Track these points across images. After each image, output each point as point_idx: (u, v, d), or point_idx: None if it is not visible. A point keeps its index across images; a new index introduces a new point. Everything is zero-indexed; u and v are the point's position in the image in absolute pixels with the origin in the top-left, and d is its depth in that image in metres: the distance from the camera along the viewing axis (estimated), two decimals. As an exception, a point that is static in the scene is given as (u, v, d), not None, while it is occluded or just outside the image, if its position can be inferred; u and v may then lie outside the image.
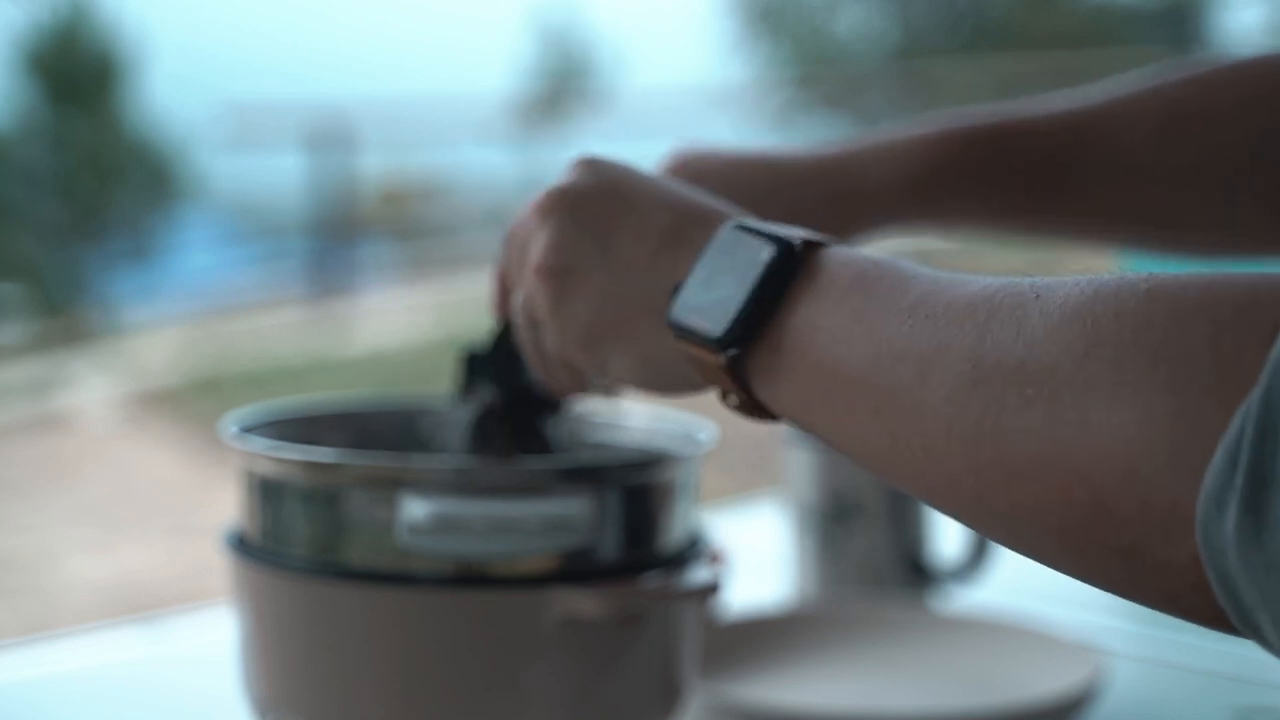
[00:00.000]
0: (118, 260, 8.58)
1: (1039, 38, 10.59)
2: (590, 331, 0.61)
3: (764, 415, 0.56)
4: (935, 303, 0.49)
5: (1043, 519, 0.44)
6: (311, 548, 0.65)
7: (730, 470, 3.29)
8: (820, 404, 0.52)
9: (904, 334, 0.49)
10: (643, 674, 0.67)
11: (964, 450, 0.46)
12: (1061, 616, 0.92)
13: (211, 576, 0.93)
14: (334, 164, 8.61)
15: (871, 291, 0.51)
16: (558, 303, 0.61)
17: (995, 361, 0.45)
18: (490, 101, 10.20)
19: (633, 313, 0.60)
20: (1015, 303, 0.46)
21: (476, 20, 13.47)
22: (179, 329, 7.20)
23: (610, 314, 0.61)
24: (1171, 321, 0.41)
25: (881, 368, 0.49)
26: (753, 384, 0.55)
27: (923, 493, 0.49)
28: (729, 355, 0.54)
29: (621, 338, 0.61)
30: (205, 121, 9.16)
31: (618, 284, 0.60)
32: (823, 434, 0.53)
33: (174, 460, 5.16)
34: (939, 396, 0.47)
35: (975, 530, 0.49)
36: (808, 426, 0.54)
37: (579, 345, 0.62)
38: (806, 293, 0.53)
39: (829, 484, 0.97)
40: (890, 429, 0.49)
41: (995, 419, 0.45)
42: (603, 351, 0.62)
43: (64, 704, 0.84)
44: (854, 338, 0.51)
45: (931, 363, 0.47)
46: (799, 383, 0.53)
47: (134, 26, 8.90)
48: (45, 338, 7.17)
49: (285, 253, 8.80)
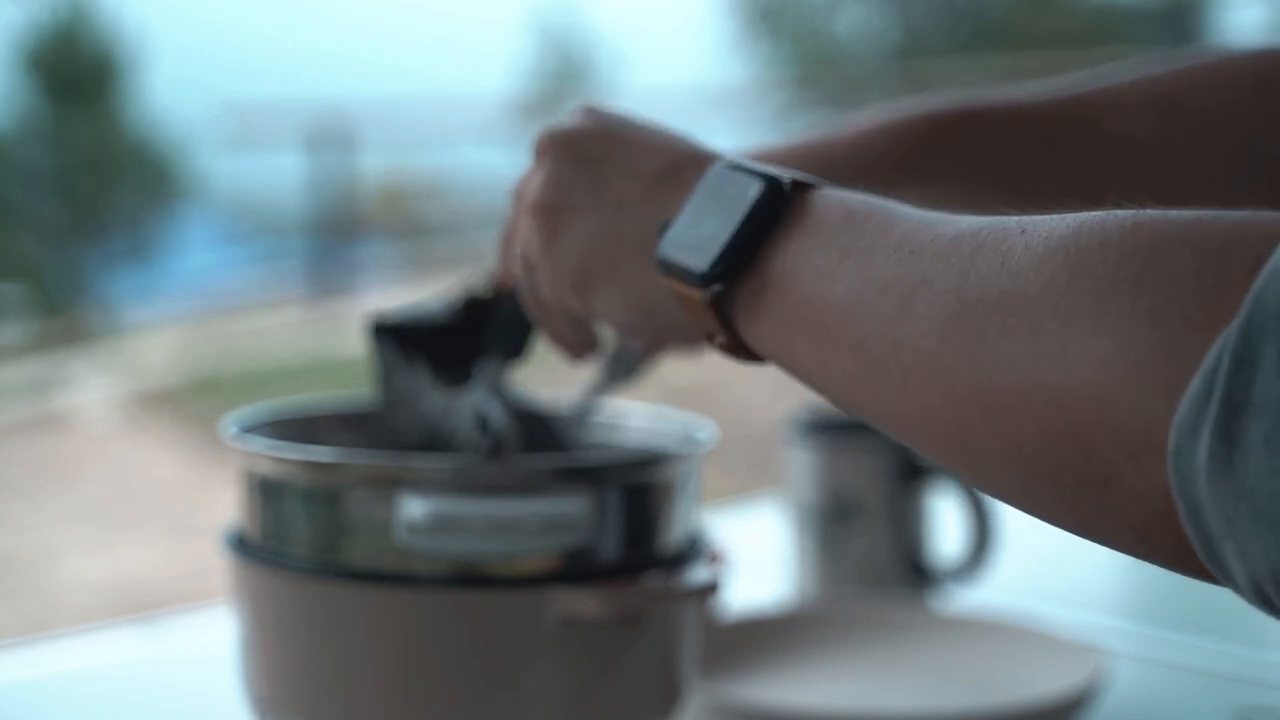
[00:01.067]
0: (118, 260, 8.57)
1: (1039, 38, 10.58)
2: (581, 270, 0.62)
3: (748, 356, 0.56)
4: (921, 238, 0.49)
5: (1017, 451, 0.44)
6: (311, 548, 0.65)
7: (730, 470, 3.29)
8: (803, 340, 0.52)
9: (889, 269, 0.49)
10: (643, 674, 0.67)
11: (942, 382, 0.46)
12: (1061, 616, 0.92)
13: (211, 576, 0.93)
14: (334, 164, 8.60)
15: (859, 229, 0.51)
16: (550, 241, 0.62)
17: (978, 295, 0.45)
18: (490, 101, 10.19)
19: (623, 252, 0.60)
20: (1000, 237, 0.46)
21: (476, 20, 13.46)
22: (179, 329, 7.19)
23: (601, 253, 0.61)
24: (1155, 252, 0.41)
25: (865, 301, 0.49)
26: (737, 322, 0.55)
27: (899, 427, 0.49)
28: (713, 291, 0.54)
29: (611, 277, 0.61)
30: (205, 121, 9.16)
31: (609, 223, 0.61)
32: (803, 372, 0.53)
33: (174, 460, 5.16)
34: (920, 329, 0.47)
35: (948, 467, 0.49)
36: (789, 365, 0.54)
37: (571, 285, 0.62)
38: (793, 230, 0.53)
39: (829, 484, 0.97)
40: (870, 363, 0.49)
41: (975, 350, 0.45)
42: (593, 292, 0.62)
43: (64, 704, 0.84)
44: (838, 273, 0.51)
45: (915, 296, 0.48)
46: (782, 319, 0.53)
47: (134, 26, 8.90)
48: (45, 338, 7.17)
49: (285, 253, 8.80)
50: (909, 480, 0.97)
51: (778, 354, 0.54)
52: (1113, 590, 1.09)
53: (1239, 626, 0.97)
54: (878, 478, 0.97)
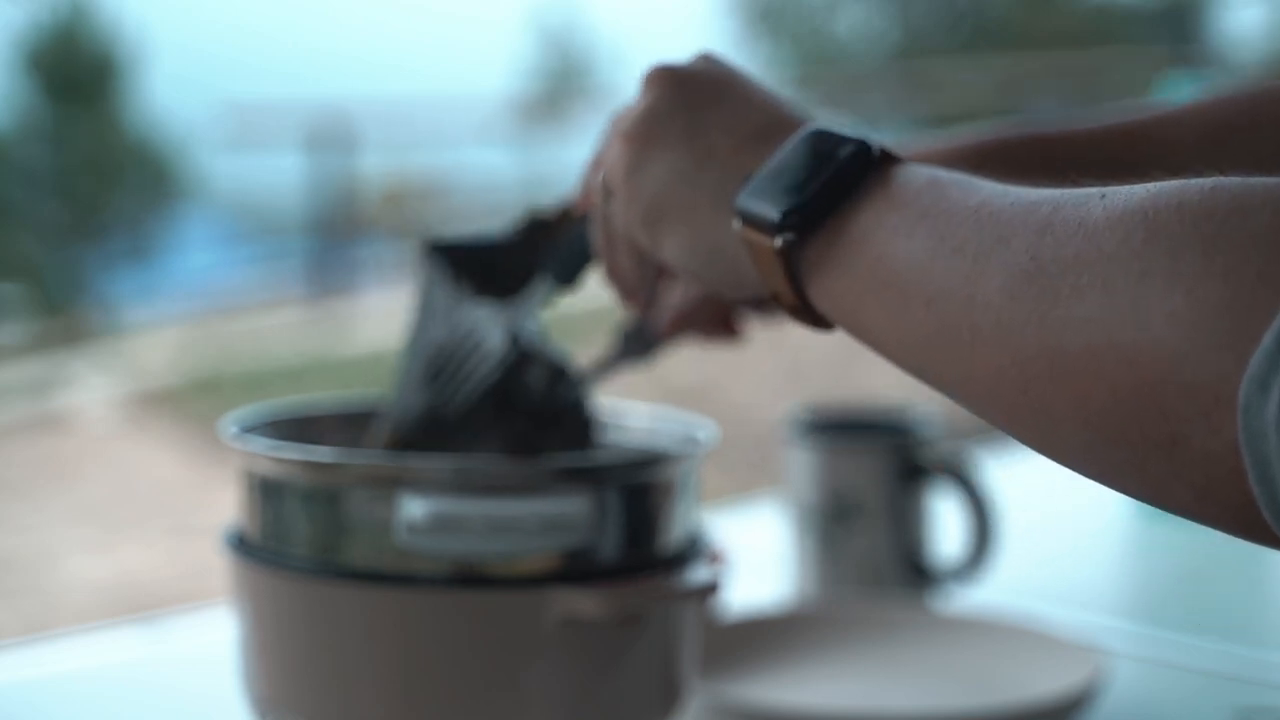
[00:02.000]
0: (118, 260, 8.58)
1: (1039, 38, 10.59)
2: (656, 205, 0.62)
3: (810, 318, 0.56)
4: (1000, 202, 0.49)
5: (1086, 412, 0.44)
6: (311, 548, 0.65)
7: (730, 470, 3.30)
8: (872, 299, 0.53)
9: (965, 229, 0.50)
10: (643, 674, 0.67)
11: (1012, 343, 0.47)
12: (1061, 616, 0.92)
13: (211, 576, 0.93)
14: (334, 164, 8.60)
15: (940, 194, 0.52)
16: (633, 170, 0.62)
17: (1053, 255, 0.46)
18: (490, 101, 10.19)
19: (700, 197, 0.60)
20: (1080, 201, 0.47)
21: (476, 20, 13.47)
22: (179, 329, 7.20)
23: (679, 192, 0.61)
24: (1233, 213, 0.42)
25: (939, 259, 0.50)
26: (805, 277, 0.55)
27: (965, 392, 0.50)
28: (785, 240, 0.54)
29: (683, 219, 0.61)
30: (205, 121, 9.16)
31: (694, 166, 0.61)
32: (869, 333, 0.54)
33: (174, 460, 5.16)
34: (993, 287, 0.47)
35: (1013, 433, 0.49)
36: (855, 325, 0.54)
37: (643, 218, 0.62)
38: (875, 194, 0.54)
39: (829, 484, 0.97)
40: (940, 323, 0.49)
41: (1046, 310, 0.45)
42: (663, 230, 0.62)
43: (64, 704, 0.84)
44: (915, 232, 0.51)
45: (989, 255, 0.48)
46: (853, 276, 0.53)
47: (134, 26, 8.90)
48: (45, 338, 7.17)
49: (285, 253, 8.80)
50: (909, 480, 0.97)
51: (844, 313, 0.54)
52: (1113, 590, 1.09)
53: (1239, 626, 0.97)
54: (878, 478, 0.97)
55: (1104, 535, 1.18)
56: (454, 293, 0.72)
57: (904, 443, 0.97)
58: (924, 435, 0.97)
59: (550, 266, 0.72)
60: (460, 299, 0.72)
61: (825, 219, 0.54)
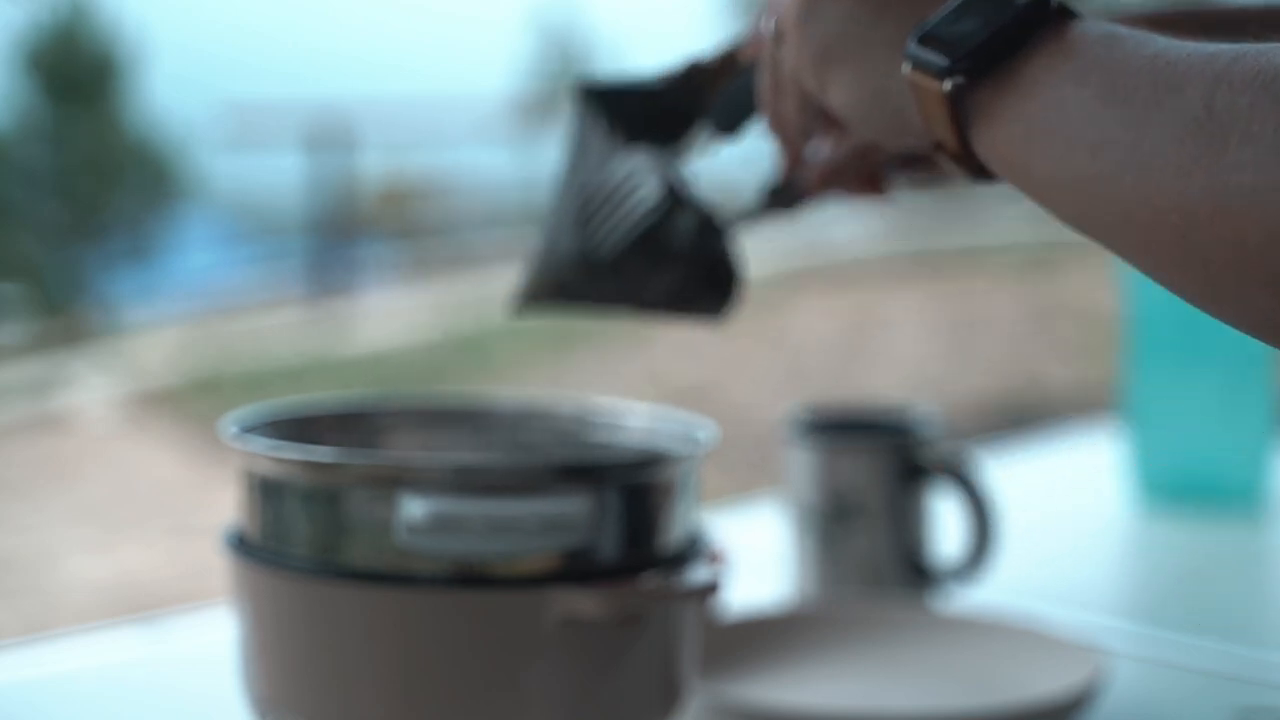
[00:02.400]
0: (118, 260, 8.58)
1: (1039, 38, 10.57)
2: (828, 47, 0.61)
3: (972, 168, 0.56)
4: (1177, 53, 0.49)
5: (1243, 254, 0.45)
6: (311, 548, 0.65)
7: (730, 470, 3.30)
8: (1038, 145, 0.53)
9: (1140, 78, 0.50)
10: (643, 674, 0.67)
11: (1176, 187, 0.47)
12: (1061, 616, 0.92)
13: (211, 576, 0.93)
14: (334, 164, 8.61)
15: (1115, 45, 0.52)
16: (808, 13, 0.62)
17: (1227, 103, 0.46)
18: (490, 101, 10.20)
19: (873, 40, 0.60)
20: (1261, 52, 0.47)
21: (476, 20, 13.48)
22: (179, 329, 7.20)
23: (852, 34, 0.61)
24: None
25: (1109, 107, 0.50)
26: (971, 124, 0.55)
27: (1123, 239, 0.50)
28: (954, 83, 0.54)
29: (854, 62, 0.61)
30: (205, 121, 9.17)
31: (870, 12, 0.60)
32: (1029, 179, 0.54)
33: (174, 460, 5.16)
34: (1163, 135, 0.48)
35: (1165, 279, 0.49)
36: (1017, 172, 0.54)
37: (812, 60, 0.62)
38: (1049, 45, 0.53)
39: (829, 484, 0.97)
40: (1104, 169, 0.50)
41: (1217, 155, 0.46)
42: (833, 72, 0.62)
43: (64, 704, 0.84)
44: (1086, 81, 0.51)
45: (1162, 103, 0.48)
46: (1019, 123, 0.53)
47: (134, 26, 8.91)
48: (45, 338, 7.17)
49: (285, 253, 8.81)
50: (909, 480, 0.97)
51: (1006, 161, 0.54)
52: (1113, 590, 1.09)
53: (1239, 626, 0.97)
54: (878, 478, 0.97)
55: (1104, 535, 1.18)
56: (608, 137, 0.71)
57: (904, 443, 0.97)
58: (924, 435, 0.97)
59: (713, 114, 0.71)
60: (614, 143, 0.71)
61: (996, 66, 0.54)
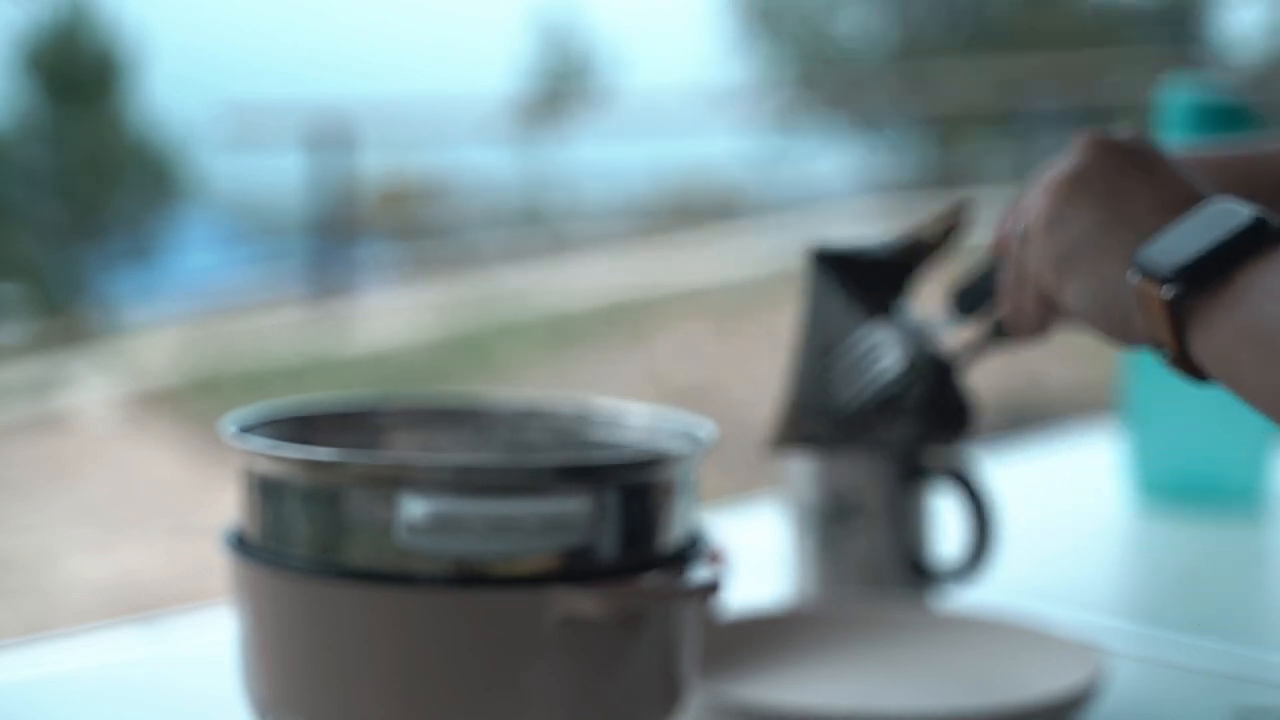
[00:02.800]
0: (118, 260, 8.58)
1: (1039, 38, 10.58)
2: (1068, 253, 0.68)
3: (1190, 369, 0.62)
4: None
5: None
6: (311, 548, 0.65)
7: (730, 470, 3.29)
8: (1248, 354, 0.59)
9: None
10: (643, 674, 0.67)
11: None
12: (1061, 616, 0.92)
13: (211, 576, 0.93)
14: (334, 164, 8.60)
15: None
16: (1055, 220, 0.69)
17: None
18: (490, 101, 10.19)
19: (1108, 251, 0.67)
20: None
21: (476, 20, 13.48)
22: (179, 329, 7.19)
23: (1090, 243, 0.67)
24: None
25: None
26: (1187, 330, 0.61)
27: None
28: (1174, 293, 0.61)
29: (1090, 269, 0.67)
30: (205, 121, 9.16)
31: (1109, 224, 0.67)
32: (1240, 383, 0.60)
33: (174, 460, 5.16)
34: None
35: None
36: (1228, 375, 0.60)
37: (1053, 262, 0.69)
38: (1264, 261, 0.59)
39: (829, 484, 0.97)
40: None
41: None
42: (1071, 276, 0.68)
43: (64, 704, 0.84)
44: None
45: None
46: (1229, 331, 0.60)
47: (134, 26, 8.90)
48: (45, 338, 7.17)
49: (285, 253, 8.80)
50: (909, 480, 0.97)
51: (1219, 364, 0.60)
52: (1113, 590, 1.09)
53: (1239, 626, 0.97)
54: (878, 478, 0.96)
55: (1104, 535, 1.18)
56: (845, 300, 0.83)
57: (903, 443, 0.97)
58: (924, 435, 0.97)
59: (956, 299, 0.82)
60: (852, 308, 0.83)
61: (1212, 278, 0.60)
